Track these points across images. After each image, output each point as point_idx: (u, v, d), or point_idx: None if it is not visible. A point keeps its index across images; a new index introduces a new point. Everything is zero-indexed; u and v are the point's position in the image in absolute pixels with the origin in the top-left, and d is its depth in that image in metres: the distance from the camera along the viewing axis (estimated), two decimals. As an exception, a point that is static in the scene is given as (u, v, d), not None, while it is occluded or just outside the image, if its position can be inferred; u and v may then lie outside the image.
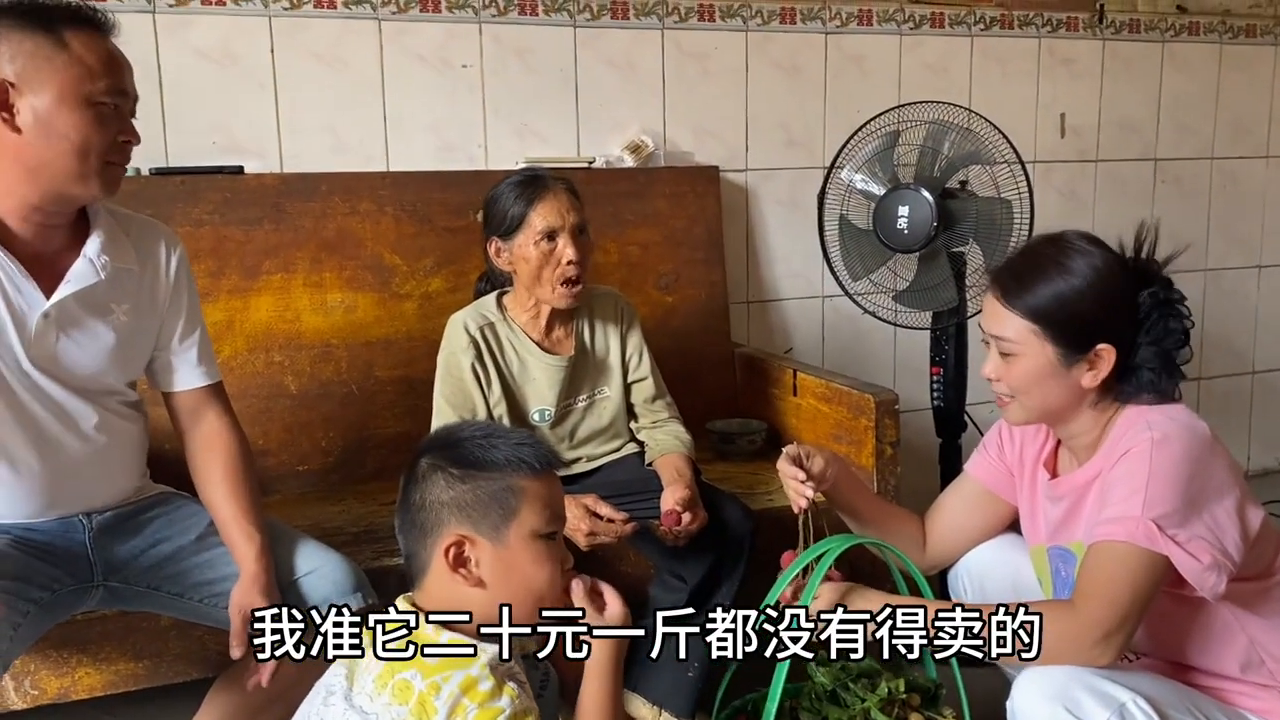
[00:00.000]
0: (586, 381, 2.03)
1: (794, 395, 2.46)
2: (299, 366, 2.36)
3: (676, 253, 2.71)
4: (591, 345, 2.04)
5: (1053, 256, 1.47)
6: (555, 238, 1.87)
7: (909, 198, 2.35)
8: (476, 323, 1.96)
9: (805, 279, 3.01)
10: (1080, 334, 1.45)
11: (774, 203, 2.95)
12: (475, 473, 1.20)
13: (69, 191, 1.48)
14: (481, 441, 1.22)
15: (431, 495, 1.21)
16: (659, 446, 2.00)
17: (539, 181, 1.91)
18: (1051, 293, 1.45)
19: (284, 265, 2.36)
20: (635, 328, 2.07)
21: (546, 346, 2.00)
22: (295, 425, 2.35)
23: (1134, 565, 1.33)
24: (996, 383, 1.52)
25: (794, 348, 3.00)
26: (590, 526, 1.77)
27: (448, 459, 1.22)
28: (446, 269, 2.48)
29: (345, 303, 2.40)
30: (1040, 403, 1.49)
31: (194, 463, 1.66)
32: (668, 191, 2.71)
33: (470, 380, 1.92)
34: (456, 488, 1.20)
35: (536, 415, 1.99)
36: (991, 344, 1.52)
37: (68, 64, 1.41)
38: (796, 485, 1.57)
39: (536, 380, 1.98)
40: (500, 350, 1.97)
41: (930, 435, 2.58)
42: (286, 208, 2.37)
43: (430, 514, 1.21)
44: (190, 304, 1.67)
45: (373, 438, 2.39)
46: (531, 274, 1.91)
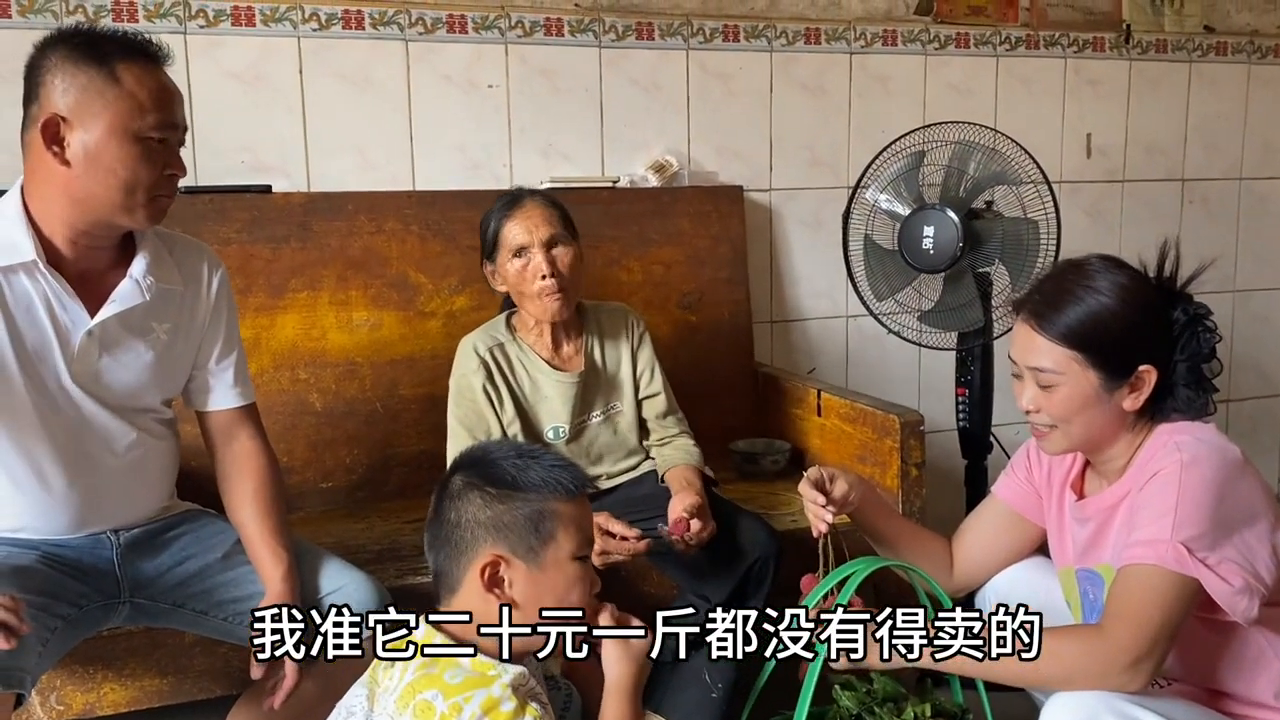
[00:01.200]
0: (599, 397, 2.04)
1: (818, 415, 2.46)
2: (324, 384, 2.38)
3: (700, 272, 2.71)
4: (602, 361, 2.04)
5: (1081, 281, 1.46)
6: (525, 253, 1.89)
7: (934, 218, 2.34)
8: (486, 344, 1.97)
9: (829, 299, 3.00)
10: (1122, 357, 1.44)
11: (798, 222, 2.95)
12: (512, 493, 1.21)
13: (115, 221, 1.50)
14: (517, 462, 1.23)
15: (467, 514, 1.22)
16: (668, 461, 2.01)
17: (513, 199, 1.94)
18: (1088, 318, 1.44)
19: (310, 283, 2.38)
20: (645, 343, 2.07)
21: (556, 364, 2.00)
22: (320, 442, 2.37)
23: (1164, 589, 1.32)
24: (1035, 414, 1.50)
25: (817, 368, 3.00)
26: (602, 545, 1.77)
27: (484, 478, 1.22)
28: (471, 287, 2.49)
29: (370, 320, 2.42)
30: (1083, 430, 1.48)
31: (224, 482, 1.68)
32: (691, 211, 2.72)
33: (483, 401, 1.93)
34: (494, 507, 1.21)
35: (551, 433, 1.99)
36: (1026, 376, 1.50)
37: (119, 98, 1.43)
38: (816, 509, 1.57)
39: (549, 398, 1.99)
40: (511, 370, 1.98)
41: (955, 457, 2.56)
42: (313, 226, 2.40)
43: (465, 532, 1.21)
44: (229, 325, 1.69)
45: (397, 455, 2.40)
46: (517, 293, 1.94)
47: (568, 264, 1.92)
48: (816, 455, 2.48)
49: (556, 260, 1.90)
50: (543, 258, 1.88)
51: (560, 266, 1.90)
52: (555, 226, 1.91)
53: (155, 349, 1.59)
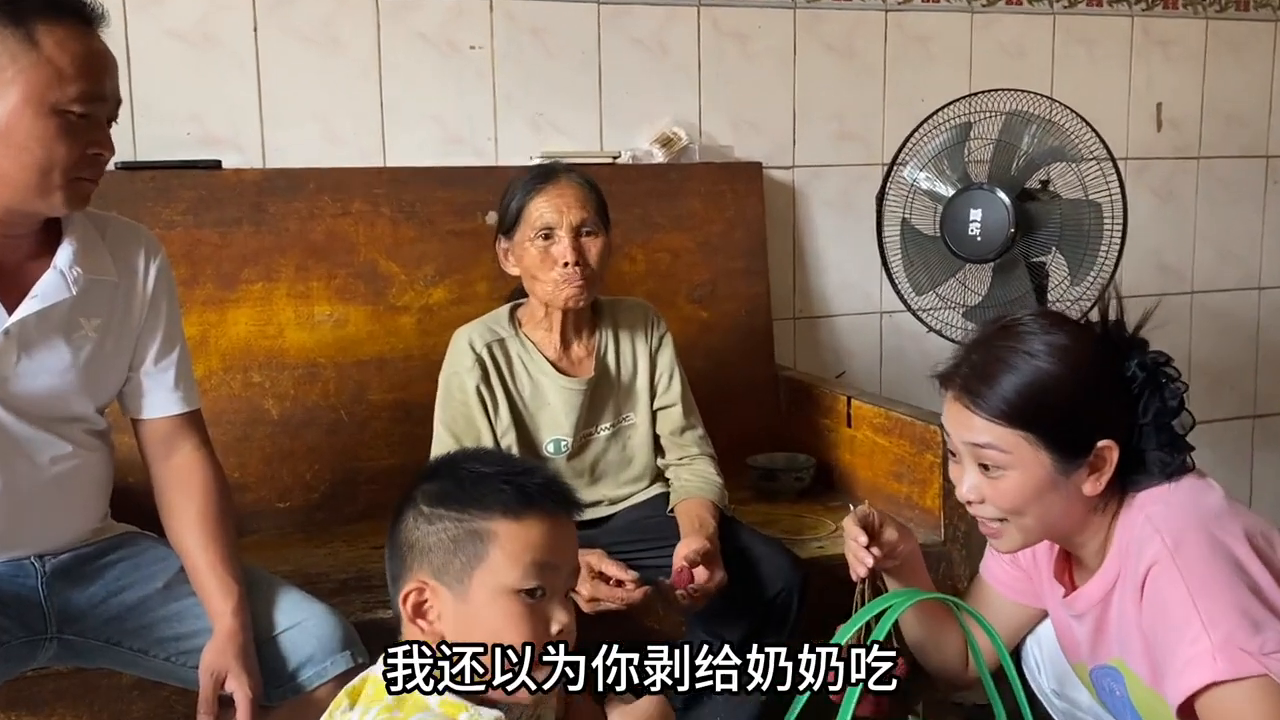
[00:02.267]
0: (609, 407, 2.03)
1: (847, 426, 2.45)
2: (281, 388, 2.37)
3: (713, 261, 2.71)
4: (616, 365, 2.03)
5: (1014, 346, 1.41)
6: (551, 235, 1.88)
7: (982, 199, 2.34)
8: (484, 339, 1.96)
9: (861, 292, 2.99)
10: (1075, 433, 1.39)
11: (825, 205, 2.95)
12: (444, 511, 1.19)
13: (29, 207, 1.48)
14: (471, 473, 1.21)
15: (402, 533, 1.21)
16: (683, 489, 1.98)
17: (545, 173, 1.93)
18: (1027, 388, 1.39)
19: (265, 273, 2.38)
20: (667, 345, 2.06)
21: (563, 366, 1.99)
22: (276, 455, 2.36)
23: (1243, 701, 1.28)
24: (979, 505, 1.45)
25: (847, 371, 2.99)
26: (592, 590, 1.74)
27: (424, 493, 1.21)
28: (450, 279, 2.48)
29: (334, 316, 2.41)
30: (1040, 522, 1.43)
31: (164, 500, 1.66)
32: (703, 191, 2.71)
33: (475, 405, 1.93)
34: (422, 528, 1.20)
35: (551, 446, 1.99)
36: (964, 455, 1.45)
37: (35, 65, 1.40)
38: (857, 548, 1.55)
39: (551, 405, 1.98)
40: (510, 370, 1.97)
41: (1006, 474, 2.55)
42: (269, 208, 2.39)
43: (400, 554, 1.21)
44: (169, 320, 1.67)
45: (364, 470, 2.40)
46: (530, 276, 1.93)
47: (596, 255, 1.91)
48: (846, 471, 2.47)
49: (585, 249, 1.90)
50: (569, 243, 1.87)
51: (588, 256, 1.90)
52: (588, 211, 1.90)
53: (84, 349, 1.58)
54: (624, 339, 2.03)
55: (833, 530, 2.26)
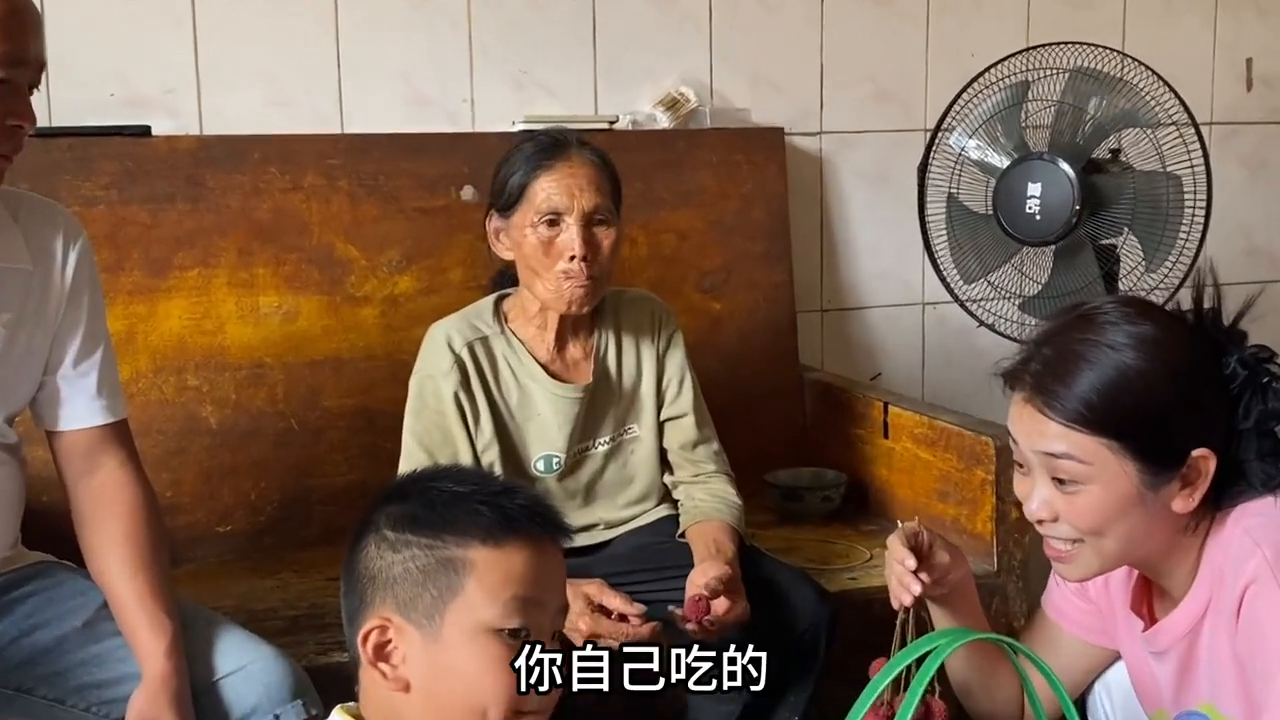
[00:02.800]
0: (609, 418, 2.02)
1: (884, 437, 2.44)
2: (221, 393, 2.37)
3: (726, 243, 2.70)
4: (618, 369, 2.03)
5: (1094, 338, 1.39)
6: (558, 223, 1.88)
7: (1042, 171, 2.34)
8: (464, 337, 1.95)
9: (900, 280, 2.99)
10: (1167, 439, 1.38)
11: (858, 177, 2.94)
12: (412, 537, 1.18)
13: None
14: (443, 493, 1.20)
15: (362, 563, 1.20)
16: (696, 510, 1.98)
17: (555, 147, 1.91)
18: (1111, 388, 1.37)
19: (203, 258, 2.37)
20: (677, 345, 2.06)
21: (557, 371, 1.99)
22: (215, 472, 2.36)
23: None
24: (1051, 524, 1.44)
25: (884, 373, 2.99)
26: (591, 626, 1.74)
27: (388, 516, 1.21)
28: (418, 265, 2.48)
29: (283, 308, 2.41)
30: (1121, 544, 1.42)
31: (84, 524, 1.66)
32: (715, 161, 2.71)
33: (452, 415, 1.92)
34: (386, 556, 1.19)
35: (540, 464, 1.98)
36: (1036, 467, 1.43)
37: None
38: (902, 572, 1.53)
39: (542, 416, 1.97)
40: (495, 375, 1.96)
41: (1070, 493, 2.55)
42: (206, 181, 2.39)
43: (360, 587, 1.20)
44: (92, 314, 1.67)
45: (319, 489, 2.40)
46: (527, 267, 1.92)
47: (608, 250, 1.90)
48: (882, 489, 2.47)
49: (596, 242, 1.89)
50: (579, 234, 1.86)
51: (598, 251, 1.89)
52: (603, 196, 1.90)
53: (-8, 349, 1.58)
54: (627, 338, 2.03)
55: (867, 559, 2.25)
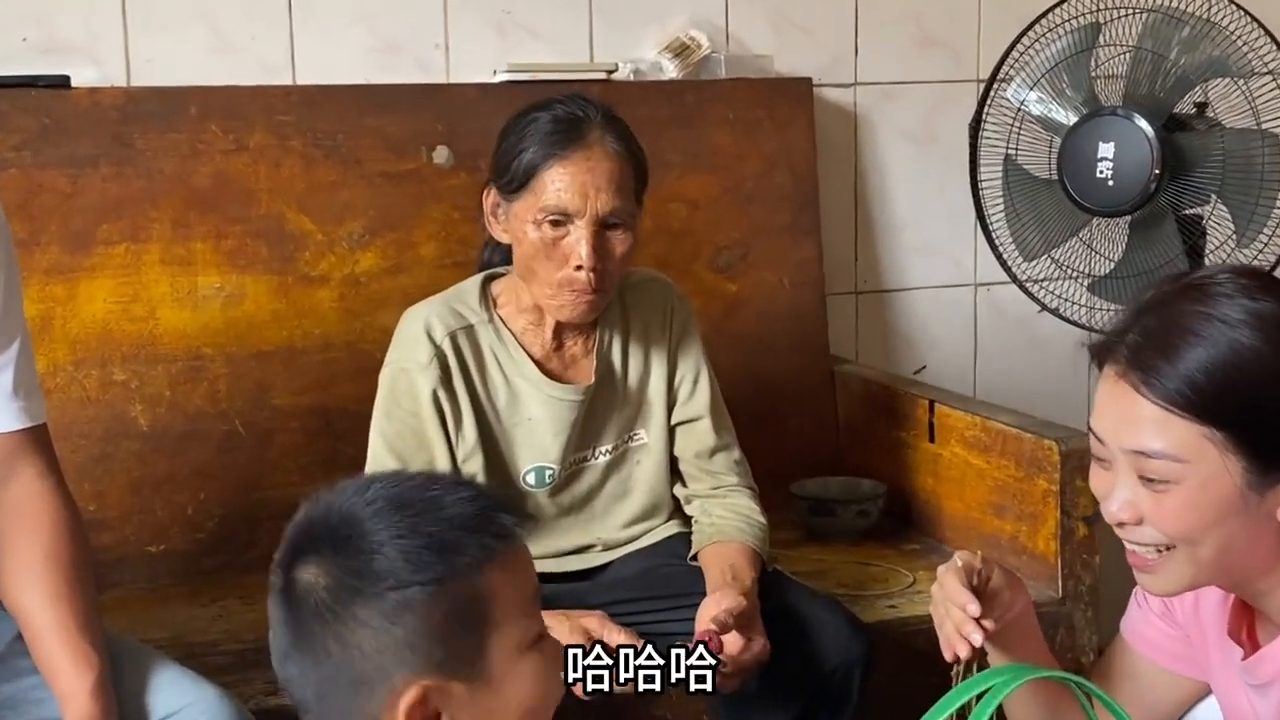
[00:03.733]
0: (613, 424, 2.02)
1: (929, 441, 2.44)
2: (153, 389, 2.37)
3: (744, 214, 2.70)
4: (623, 367, 2.03)
5: (1207, 310, 1.37)
6: (565, 224, 1.87)
7: (1115, 129, 2.33)
8: (446, 325, 1.95)
9: (948, 257, 2.99)
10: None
11: (900, 136, 2.94)
12: (415, 587, 1.18)
13: None
14: (395, 524, 1.20)
15: (357, 639, 1.18)
16: (714, 529, 1.98)
17: (574, 128, 1.88)
18: (1225, 368, 1.35)
19: (131, 230, 2.37)
20: (692, 337, 2.06)
21: (553, 369, 1.99)
22: (146, 481, 2.36)
23: None
24: (1135, 527, 1.42)
25: (929, 366, 3.00)
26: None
27: (357, 572, 1.19)
28: (384, 239, 2.48)
29: (226, 290, 2.41)
30: (1217, 556, 1.39)
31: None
32: (732, 118, 2.71)
33: (430, 417, 1.92)
34: (403, 621, 1.18)
35: (531, 476, 1.98)
36: (1120, 464, 1.42)
37: None
38: (963, 619, 1.51)
39: (536, 421, 1.97)
40: (481, 371, 1.96)
41: (1147, 506, 2.56)
42: (136, 141, 2.39)
43: (362, 663, 1.19)
44: (6, 302, 1.66)
45: (268, 502, 2.39)
46: (524, 264, 1.91)
47: (620, 256, 1.89)
48: (927, 503, 2.47)
49: (608, 248, 1.88)
50: (589, 240, 1.85)
51: (610, 259, 1.88)
52: (623, 197, 1.88)
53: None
54: (635, 329, 2.03)
55: (909, 584, 2.26)
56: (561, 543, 2.02)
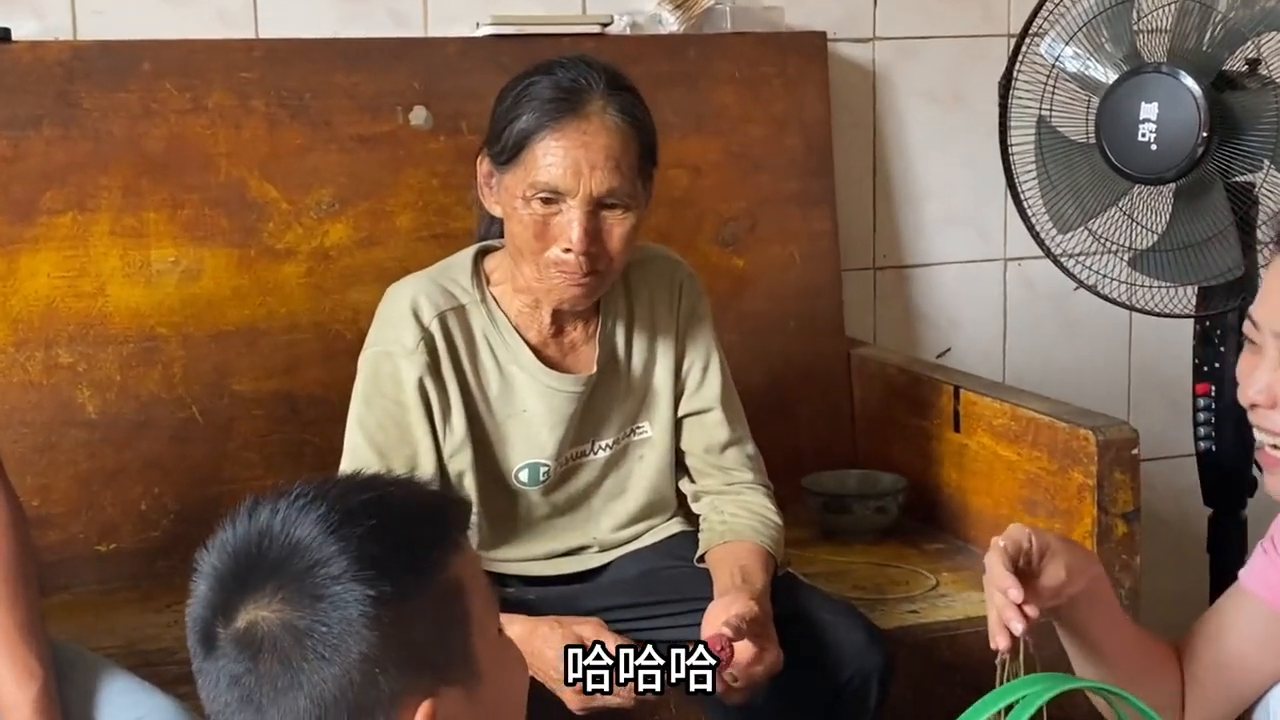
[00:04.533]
0: (614, 417, 2.02)
1: (955, 431, 2.45)
2: (102, 373, 2.37)
3: (752, 182, 2.70)
4: (627, 353, 2.03)
5: None
6: (557, 203, 1.86)
7: (1159, 88, 2.32)
8: (435, 305, 1.94)
9: (975, 229, 2.99)
10: None
11: (922, 96, 2.95)
12: (400, 600, 1.18)
13: None
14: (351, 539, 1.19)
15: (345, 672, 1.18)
16: (725, 528, 1.98)
17: (575, 95, 1.87)
18: None
19: (78, 199, 2.37)
20: (702, 320, 2.06)
21: (551, 356, 1.99)
22: (95, 474, 2.36)
23: None
24: (1269, 412, 1.48)
25: (954, 348, 3.00)
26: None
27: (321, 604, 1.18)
28: (356, 208, 2.48)
29: (183, 264, 2.41)
30: None
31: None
32: (738, 76, 2.71)
33: (415, 407, 1.91)
34: (388, 638, 1.18)
35: (524, 473, 1.98)
36: (1269, 349, 1.48)
37: None
38: (1006, 603, 1.52)
39: (530, 414, 1.97)
40: (473, 358, 1.96)
41: (1193, 501, 2.56)
42: (82, 100, 2.38)
43: (356, 693, 1.19)
44: None
45: (227, 497, 2.38)
46: (514, 242, 1.91)
47: (619, 241, 1.88)
48: (952, 498, 2.47)
49: (604, 232, 1.87)
50: (582, 222, 1.83)
51: (605, 244, 1.87)
52: (623, 175, 1.86)
53: None
54: (640, 311, 2.03)
55: (932, 587, 2.26)
56: (554, 544, 2.03)
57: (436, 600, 1.18)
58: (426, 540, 1.19)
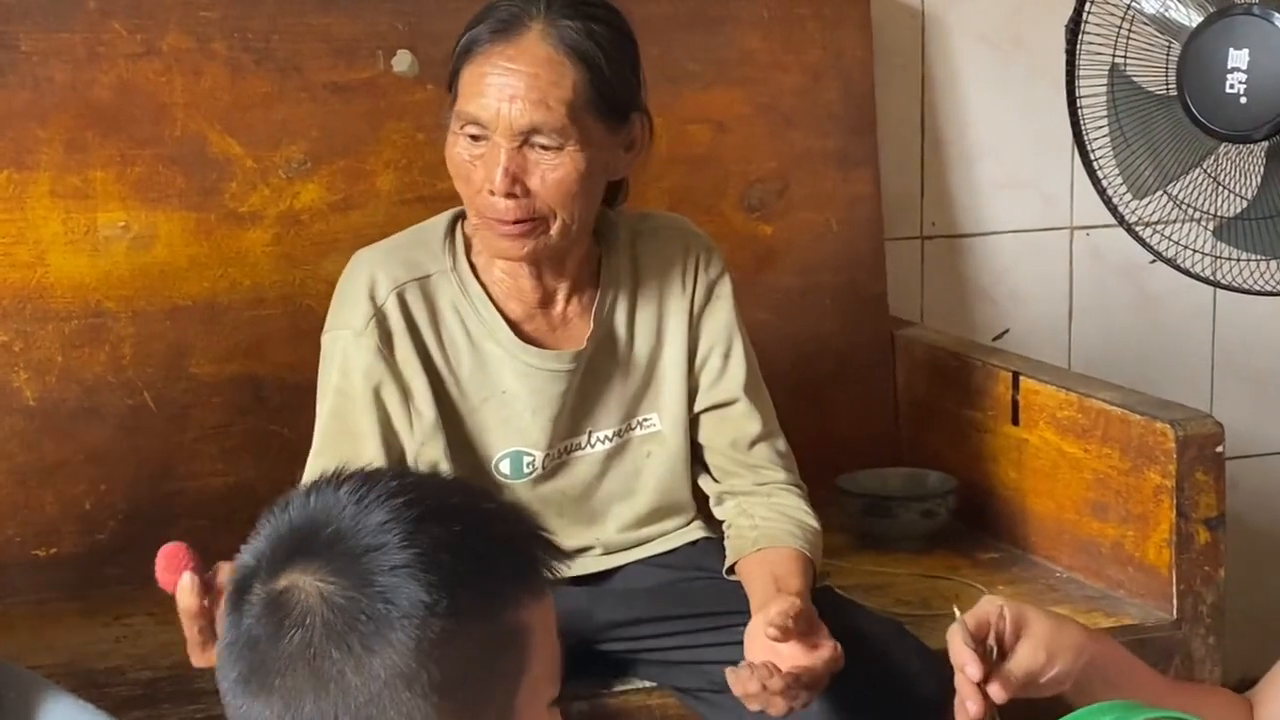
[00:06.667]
0: (612, 403, 2.03)
1: (1013, 423, 2.45)
2: (41, 353, 2.37)
3: (783, 139, 2.70)
4: (629, 332, 2.03)
5: None
6: (486, 139, 1.87)
7: (1250, 32, 2.31)
8: (393, 278, 1.95)
9: (1038, 193, 2.99)
10: None
11: (977, 42, 2.95)
12: (454, 619, 1.18)
13: None
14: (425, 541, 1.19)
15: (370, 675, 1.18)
16: (756, 533, 1.98)
17: (512, 17, 1.89)
18: None
19: (14, 156, 2.37)
20: (722, 298, 2.06)
21: (534, 331, 2.00)
22: (32, 469, 2.37)
23: None
24: None
25: (1013, 329, 3.00)
26: None
27: (369, 593, 1.18)
28: (330, 166, 2.48)
29: (133, 230, 2.41)
30: None
31: None
32: (767, 17, 2.70)
33: (362, 395, 1.93)
34: (432, 656, 1.17)
35: (506, 464, 1.99)
36: None
37: None
38: (960, 680, 1.54)
39: (511, 396, 1.98)
40: (437, 333, 1.97)
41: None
42: (20, 42, 2.38)
43: (373, 708, 1.19)
44: None
45: (184, 495, 2.41)
46: (459, 189, 1.94)
47: (552, 187, 1.88)
48: (1009, 501, 2.47)
49: (531, 171, 1.87)
50: (501, 161, 1.86)
51: (537, 190, 1.88)
52: (550, 110, 1.85)
53: None
54: (647, 287, 2.04)
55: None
56: None
57: (494, 638, 1.17)
58: (506, 570, 1.18)
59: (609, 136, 1.92)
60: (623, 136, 1.94)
